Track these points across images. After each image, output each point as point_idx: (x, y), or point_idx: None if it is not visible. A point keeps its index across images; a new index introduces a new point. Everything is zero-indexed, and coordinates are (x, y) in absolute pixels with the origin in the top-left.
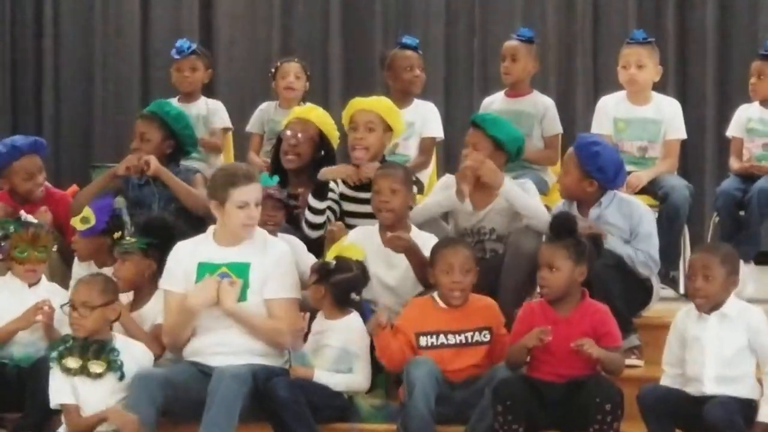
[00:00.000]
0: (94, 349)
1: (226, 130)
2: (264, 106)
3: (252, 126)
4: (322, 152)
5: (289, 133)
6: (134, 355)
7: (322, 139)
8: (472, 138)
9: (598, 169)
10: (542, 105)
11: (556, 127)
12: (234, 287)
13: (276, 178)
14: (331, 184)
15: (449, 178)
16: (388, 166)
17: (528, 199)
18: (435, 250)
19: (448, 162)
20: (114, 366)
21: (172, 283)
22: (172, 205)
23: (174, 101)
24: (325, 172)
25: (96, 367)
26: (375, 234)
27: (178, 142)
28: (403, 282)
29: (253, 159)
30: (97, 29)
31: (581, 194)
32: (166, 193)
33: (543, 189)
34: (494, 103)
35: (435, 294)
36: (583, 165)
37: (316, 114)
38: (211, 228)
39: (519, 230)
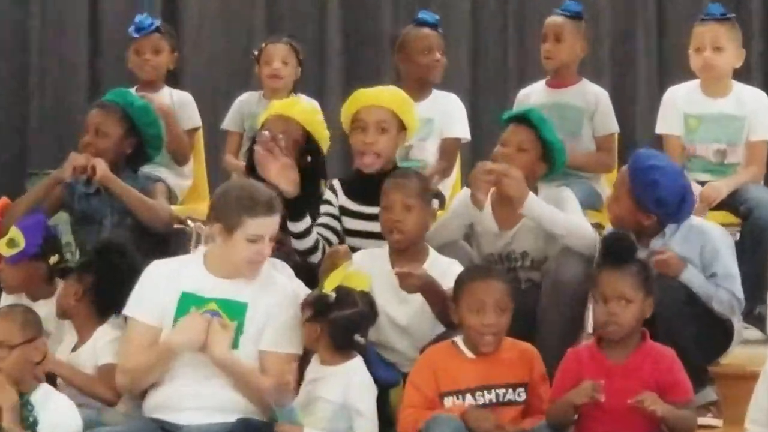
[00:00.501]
0: None
1: (194, 130)
2: (244, 97)
3: (229, 122)
4: (309, 158)
5: (266, 134)
6: (55, 413)
7: (308, 142)
8: (518, 137)
9: (656, 202)
10: (593, 97)
11: (610, 124)
12: (227, 331)
13: None
14: (328, 195)
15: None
16: (400, 174)
17: (557, 212)
18: (461, 282)
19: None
20: (27, 424)
21: (142, 312)
22: (128, 219)
23: (131, 92)
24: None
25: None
26: (383, 259)
27: (141, 143)
28: (418, 321)
29: (230, 163)
30: (32, 2)
31: (635, 227)
32: (119, 206)
33: (594, 202)
34: (532, 95)
35: (459, 339)
36: (638, 195)
37: (299, 109)
38: (201, 250)
39: (559, 254)
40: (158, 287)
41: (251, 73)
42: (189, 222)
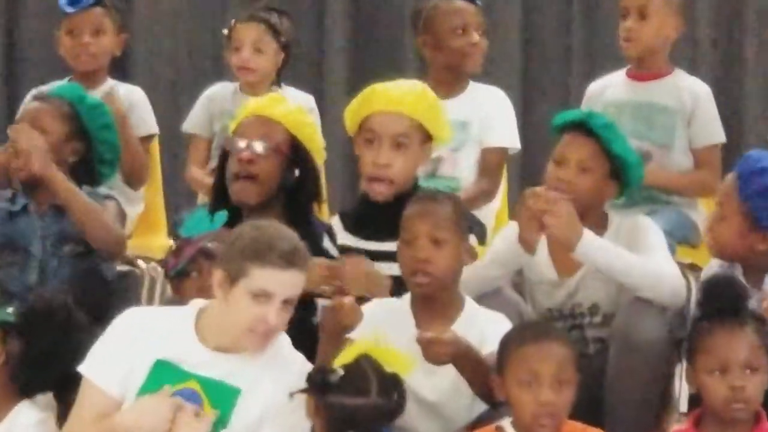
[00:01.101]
0: None
1: (148, 138)
2: (214, 91)
3: (194, 124)
4: (297, 171)
5: (241, 144)
6: None
7: (295, 151)
8: (577, 152)
9: None
10: (691, 94)
11: (714, 131)
12: (201, 424)
13: (222, 216)
14: (327, 244)
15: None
16: (427, 197)
17: (624, 255)
18: (507, 346)
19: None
20: None
21: (101, 375)
22: (65, 247)
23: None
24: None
25: None
26: (403, 313)
27: (90, 152)
28: (451, 396)
29: (195, 178)
30: None
31: (746, 253)
32: (55, 228)
33: (688, 235)
34: (608, 89)
35: (507, 423)
36: (753, 208)
37: (283, 108)
38: (197, 305)
39: (630, 305)
40: (128, 346)
41: (220, 57)
42: (140, 262)
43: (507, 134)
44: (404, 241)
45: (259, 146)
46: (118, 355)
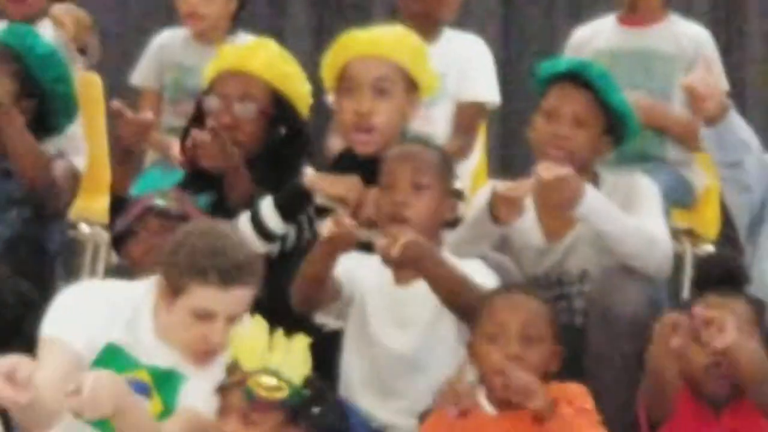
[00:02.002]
0: None
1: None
2: (163, 38)
3: (142, 75)
4: (283, 130)
5: (217, 104)
6: None
7: (279, 107)
8: (572, 105)
9: None
10: (690, 40)
11: (717, 78)
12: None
13: (177, 174)
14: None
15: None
16: (411, 141)
17: (620, 217)
18: (480, 305)
19: (509, 149)
20: None
21: (71, 333)
22: (10, 212)
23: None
24: (315, 181)
25: None
26: (378, 267)
27: (44, 106)
28: (427, 348)
29: (149, 136)
30: None
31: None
32: (2, 192)
33: (683, 197)
34: (598, 36)
35: (481, 395)
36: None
37: (263, 60)
38: (151, 289)
39: (609, 272)
40: (94, 315)
41: (172, 4)
42: (82, 226)
43: (485, 87)
44: (383, 186)
45: (239, 109)
46: (86, 320)
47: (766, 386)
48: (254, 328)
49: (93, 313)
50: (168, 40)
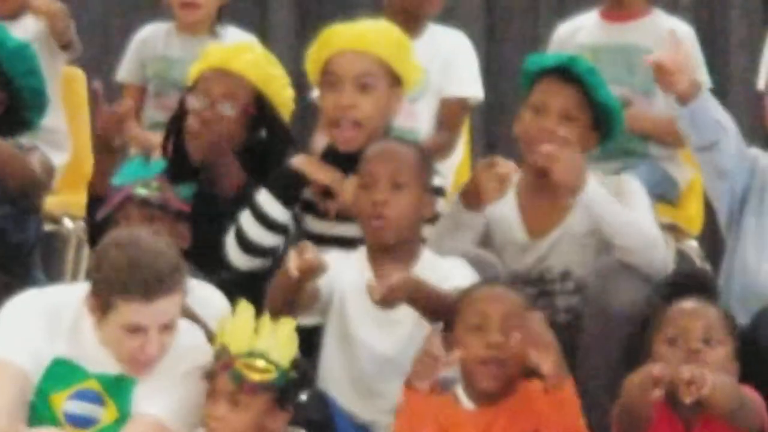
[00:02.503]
0: None
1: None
2: (146, 33)
3: (126, 71)
4: (264, 132)
5: (197, 102)
6: None
7: (262, 108)
8: (560, 100)
9: None
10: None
11: (696, 73)
12: None
13: (160, 163)
14: None
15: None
16: (389, 140)
17: (622, 209)
18: (459, 300)
19: (493, 144)
20: None
21: (12, 349)
22: None
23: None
24: (303, 163)
25: None
26: (360, 265)
27: (13, 100)
28: (410, 350)
29: (130, 131)
30: None
31: None
32: None
33: (666, 192)
34: (580, 32)
35: (459, 388)
36: None
37: (247, 59)
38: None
39: (605, 270)
40: (36, 329)
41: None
42: (65, 221)
43: (468, 83)
44: (362, 185)
45: (221, 107)
46: (27, 334)
47: (739, 412)
48: (240, 312)
49: (34, 327)
50: (149, 34)
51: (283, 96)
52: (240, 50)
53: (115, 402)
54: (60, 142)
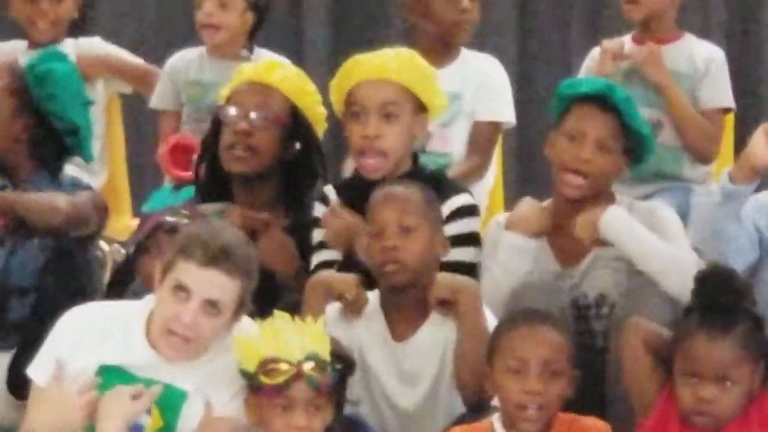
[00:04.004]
0: None
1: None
2: (178, 60)
3: (160, 98)
4: (298, 144)
5: (234, 111)
6: None
7: (296, 120)
8: (598, 129)
9: None
10: (702, 58)
11: (722, 95)
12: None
13: (188, 191)
14: (319, 211)
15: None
16: (391, 183)
17: (646, 233)
18: (497, 331)
19: (525, 169)
20: None
21: (47, 376)
22: (34, 241)
23: (21, 45)
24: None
25: None
26: (374, 312)
27: (41, 126)
28: (428, 407)
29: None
30: None
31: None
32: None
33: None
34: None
35: (495, 417)
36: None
37: (282, 74)
38: (148, 303)
39: (634, 294)
40: (74, 347)
41: (191, 19)
42: (102, 244)
43: (501, 107)
44: (371, 233)
45: (255, 116)
46: (64, 357)
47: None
48: (278, 321)
49: (76, 348)
50: (181, 61)
51: (316, 111)
52: (273, 65)
53: (160, 411)
54: (94, 167)
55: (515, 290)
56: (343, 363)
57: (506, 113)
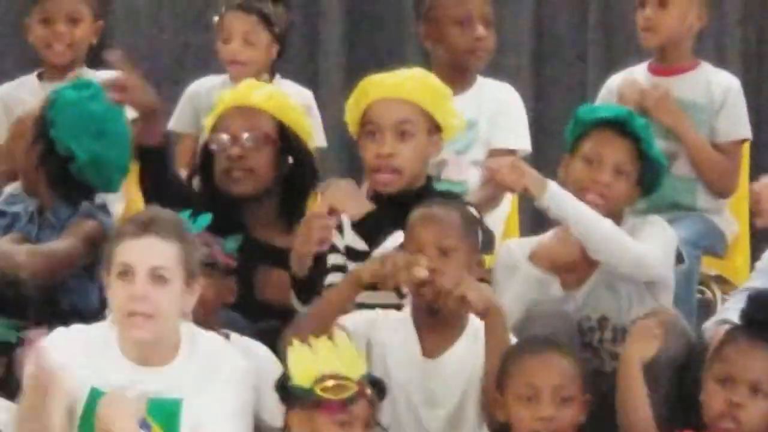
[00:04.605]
0: None
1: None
2: (200, 85)
3: (180, 121)
4: (291, 159)
5: (225, 137)
6: None
7: (285, 138)
8: (616, 154)
9: None
10: (720, 88)
11: (740, 127)
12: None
13: (206, 218)
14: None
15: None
16: (433, 203)
17: (590, 212)
18: (507, 358)
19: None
20: None
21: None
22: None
23: (31, 80)
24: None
25: None
26: (406, 328)
27: (54, 155)
28: (452, 429)
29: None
30: None
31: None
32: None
33: (714, 245)
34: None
35: None
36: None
37: (264, 94)
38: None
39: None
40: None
41: (213, 48)
42: None
43: (516, 135)
44: (409, 251)
45: (246, 139)
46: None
47: None
48: (333, 339)
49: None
50: (203, 87)
51: (302, 124)
52: (252, 86)
53: (160, 425)
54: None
55: (524, 316)
56: (376, 387)
57: (522, 141)
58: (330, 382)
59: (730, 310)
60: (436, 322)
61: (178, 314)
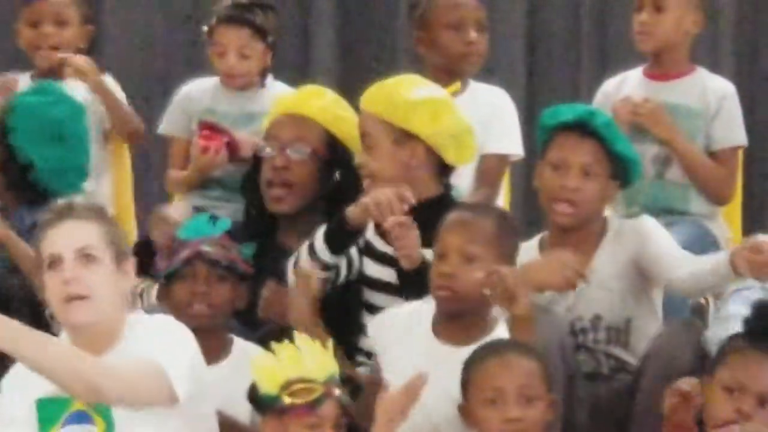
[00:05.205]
0: None
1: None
2: (191, 88)
3: (171, 124)
4: (338, 173)
5: (270, 147)
6: None
7: (334, 151)
8: (580, 156)
9: None
10: (714, 93)
11: (734, 133)
12: None
13: (226, 222)
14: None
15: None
16: (465, 207)
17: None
18: (468, 365)
19: (533, 200)
20: None
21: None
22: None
23: (23, 79)
24: (356, 213)
25: None
26: (424, 326)
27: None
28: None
29: (177, 181)
30: None
31: None
32: None
33: (709, 250)
34: (625, 89)
35: None
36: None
37: (320, 105)
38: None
39: (669, 328)
40: (11, 393)
41: (204, 52)
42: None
43: (509, 139)
44: (436, 254)
45: (293, 152)
46: (10, 405)
47: None
48: (295, 344)
49: (17, 391)
50: (196, 90)
51: (354, 136)
52: (309, 94)
53: (101, 416)
54: (104, 194)
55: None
56: (353, 385)
57: (514, 146)
58: (295, 387)
59: (732, 319)
60: (456, 328)
61: (115, 297)
